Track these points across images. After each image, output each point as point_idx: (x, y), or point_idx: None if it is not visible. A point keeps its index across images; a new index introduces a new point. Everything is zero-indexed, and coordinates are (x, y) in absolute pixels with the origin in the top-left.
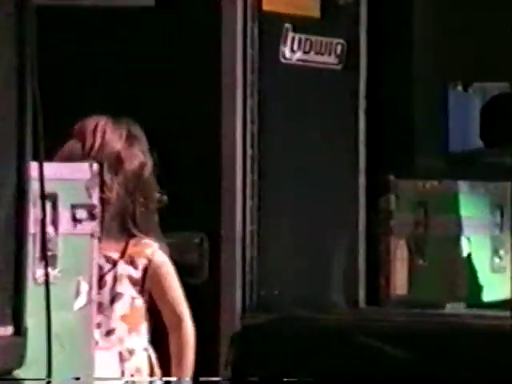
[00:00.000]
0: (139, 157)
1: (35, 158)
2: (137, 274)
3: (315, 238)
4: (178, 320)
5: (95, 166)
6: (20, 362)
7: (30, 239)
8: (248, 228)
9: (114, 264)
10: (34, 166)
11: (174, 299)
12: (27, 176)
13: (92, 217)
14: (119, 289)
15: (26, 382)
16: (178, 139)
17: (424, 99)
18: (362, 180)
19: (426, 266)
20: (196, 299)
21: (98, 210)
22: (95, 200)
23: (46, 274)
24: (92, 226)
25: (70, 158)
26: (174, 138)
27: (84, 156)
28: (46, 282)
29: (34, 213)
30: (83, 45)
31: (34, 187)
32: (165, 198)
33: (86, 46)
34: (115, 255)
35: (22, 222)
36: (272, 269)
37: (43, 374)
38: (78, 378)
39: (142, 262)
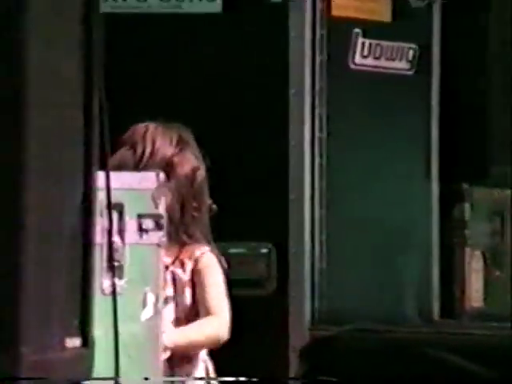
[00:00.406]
0: (191, 161)
1: (102, 168)
2: (186, 277)
3: (387, 249)
4: (211, 314)
5: (162, 175)
6: (88, 373)
7: (97, 249)
8: (317, 239)
9: (166, 268)
10: (100, 176)
11: (213, 297)
12: (94, 186)
13: (158, 227)
14: (168, 292)
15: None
16: (245, 148)
17: (499, 105)
18: (435, 189)
19: (503, 277)
20: (264, 311)
21: (164, 220)
22: (161, 210)
23: (113, 285)
24: (158, 236)
25: (121, 166)
26: (241, 147)
27: (135, 163)
28: (113, 293)
29: (100, 223)
30: (150, 51)
31: (101, 197)
32: (215, 206)
33: (154, 52)
34: (168, 260)
35: (89, 232)
36: (342, 280)
37: None
38: (146, 379)
39: (189, 265)
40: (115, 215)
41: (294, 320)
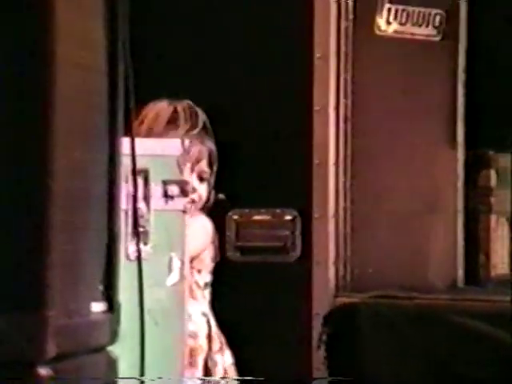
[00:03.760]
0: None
1: (127, 134)
2: None
3: (412, 215)
4: None
5: (187, 142)
6: (113, 338)
7: (123, 215)
8: (341, 205)
9: None
10: (125, 142)
11: None
12: (119, 152)
13: (183, 193)
14: None
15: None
16: (269, 115)
17: None
18: (460, 155)
19: None
20: (288, 278)
21: (189, 186)
22: (186, 176)
23: (138, 250)
24: (183, 202)
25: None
26: (265, 113)
27: None
28: (138, 258)
29: (126, 189)
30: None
31: (126, 163)
32: None
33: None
34: None
35: (114, 198)
36: (366, 247)
37: (137, 350)
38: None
39: None
40: (140, 181)
41: (319, 287)
